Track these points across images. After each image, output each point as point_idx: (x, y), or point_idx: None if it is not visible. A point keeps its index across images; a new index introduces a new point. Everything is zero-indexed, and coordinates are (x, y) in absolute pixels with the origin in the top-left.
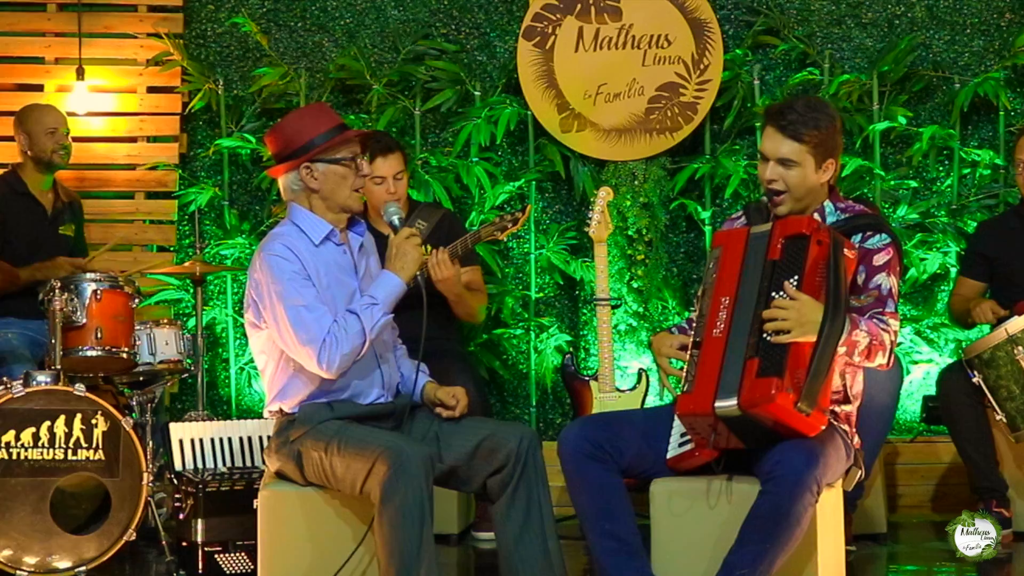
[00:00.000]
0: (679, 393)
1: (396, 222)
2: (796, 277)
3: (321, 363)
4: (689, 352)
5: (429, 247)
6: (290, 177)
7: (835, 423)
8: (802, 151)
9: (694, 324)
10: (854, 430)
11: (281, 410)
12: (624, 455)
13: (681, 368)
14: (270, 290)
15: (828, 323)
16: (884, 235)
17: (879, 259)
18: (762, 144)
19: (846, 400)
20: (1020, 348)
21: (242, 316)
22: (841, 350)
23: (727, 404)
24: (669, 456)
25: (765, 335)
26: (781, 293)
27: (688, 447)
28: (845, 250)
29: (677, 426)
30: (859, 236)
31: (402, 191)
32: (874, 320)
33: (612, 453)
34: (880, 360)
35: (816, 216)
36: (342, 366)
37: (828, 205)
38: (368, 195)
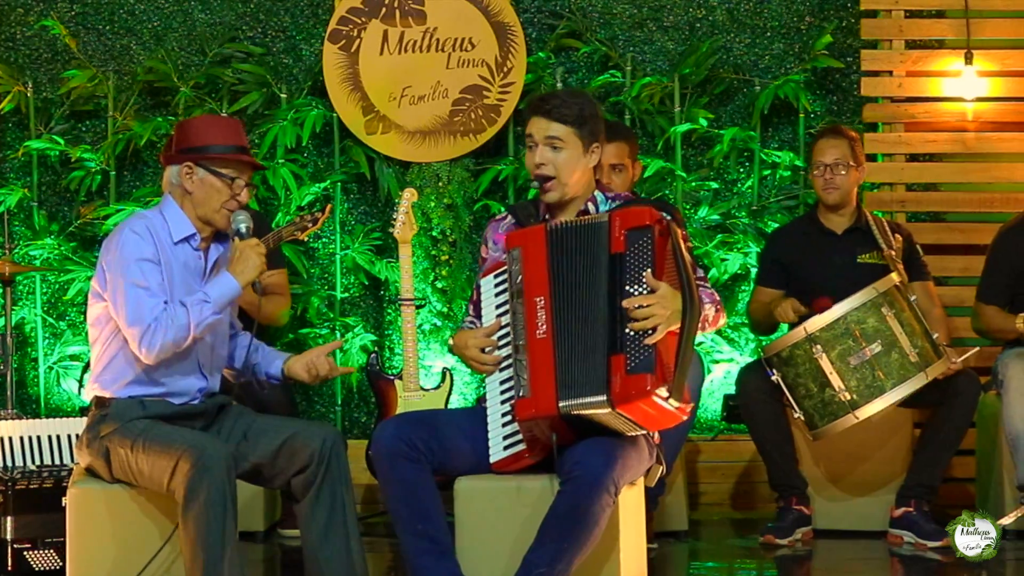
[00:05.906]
0: (515, 399)
1: (243, 230)
2: (649, 270)
3: (142, 346)
4: (512, 358)
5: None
6: (173, 171)
7: None
8: (569, 132)
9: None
10: None
11: (97, 397)
12: (437, 454)
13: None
14: (118, 263)
15: (688, 309)
16: (666, 213)
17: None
18: (528, 130)
19: None
20: (819, 347)
21: (51, 316)
22: (699, 334)
23: (594, 400)
24: (494, 460)
25: (628, 330)
26: (637, 287)
27: (517, 448)
28: (680, 233)
29: (496, 428)
30: None
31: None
32: (701, 287)
33: (425, 452)
34: (722, 320)
35: (591, 207)
36: (161, 354)
37: (598, 195)
38: None
